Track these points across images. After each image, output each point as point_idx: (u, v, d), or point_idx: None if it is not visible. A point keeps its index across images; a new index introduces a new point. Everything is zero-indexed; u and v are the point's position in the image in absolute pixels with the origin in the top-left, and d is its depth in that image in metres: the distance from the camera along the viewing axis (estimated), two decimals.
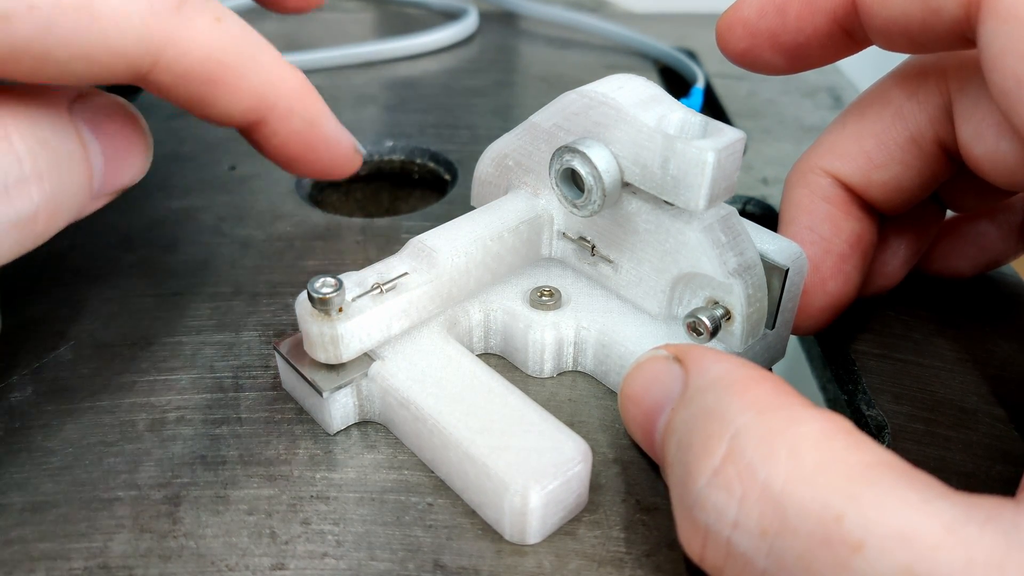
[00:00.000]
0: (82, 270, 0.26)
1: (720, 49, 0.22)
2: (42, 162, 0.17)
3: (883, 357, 0.24)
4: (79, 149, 0.18)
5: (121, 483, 0.19)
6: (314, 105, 0.23)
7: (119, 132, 0.20)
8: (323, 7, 0.52)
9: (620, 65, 0.44)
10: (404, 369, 0.20)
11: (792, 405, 0.15)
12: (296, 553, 0.18)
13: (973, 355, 0.24)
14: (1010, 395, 0.22)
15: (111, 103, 0.20)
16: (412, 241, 0.22)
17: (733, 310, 0.20)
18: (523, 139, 0.23)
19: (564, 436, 0.18)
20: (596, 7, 0.54)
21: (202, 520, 0.18)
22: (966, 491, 0.14)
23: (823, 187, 0.22)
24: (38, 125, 0.17)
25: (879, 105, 0.22)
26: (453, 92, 0.40)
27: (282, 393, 0.22)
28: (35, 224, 0.17)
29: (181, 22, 0.19)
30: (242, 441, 0.20)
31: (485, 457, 0.18)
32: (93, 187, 0.19)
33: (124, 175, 0.20)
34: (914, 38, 0.18)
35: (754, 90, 0.41)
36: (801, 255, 0.21)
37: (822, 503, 0.13)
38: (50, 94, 0.18)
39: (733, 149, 0.18)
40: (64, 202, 0.18)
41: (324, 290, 0.19)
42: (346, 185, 0.35)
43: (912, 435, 0.21)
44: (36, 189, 0.17)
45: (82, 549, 0.18)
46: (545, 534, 0.18)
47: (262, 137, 0.22)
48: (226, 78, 0.20)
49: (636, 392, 0.18)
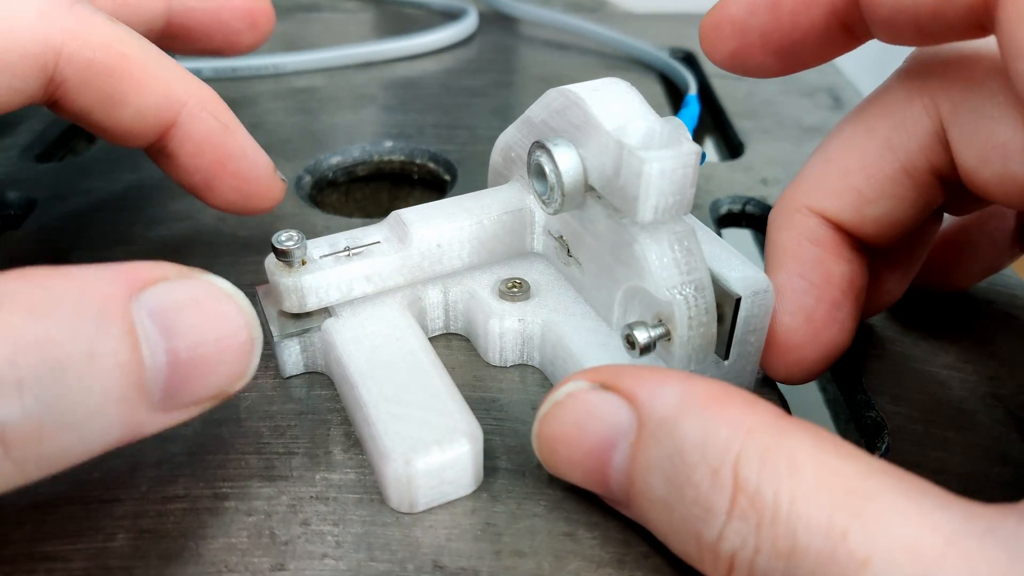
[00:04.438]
0: None
1: (705, 52, 0.21)
2: (28, 368, 0.13)
3: (883, 357, 0.24)
4: (121, 351, 0.14)
5: (121, 483, 0.19)
6: (225, 111, 0.23)
7: (201, 328, 0.16)
8: (323, 7, 0.52)
9: (620, 67, 0.44)
10: (351, 330, 0.21)
11: (773, 418, 0.15)
12: (296, 554, 0.18)
13: (973, 356, 0.24)
14: (1010, 396, 0.22)
15: (199, 291, 0.16)
16: (393, 213, 0.23)
17: (673, 331, 0.19)
18: (521, 132, 0.23)
19: (461, 416, 0.19)
20: (596, 7, 0.54)
21: (202, 520, 0.18)
22: (966, 494, 0.14)
23: (811, 229, 0.21)
24: (47, 318, 0.14)
25: (864, 136, 0.20)
26: (452, 92, 0.40)
27: (282, 393, 0.22)
28: (7, 448, 0.13)
29: (76, 17, 0.20)
30: (243, 441, 0.20)
31: (380, 422, 0.18)
32: (150, 397, 0.15)
33: (206, 383, 0.16)
34: (923, 28, 0.17)
35: (753, 90, 0.41)
36: (767, 288, 0.20)
37: (827, 519, 0.13)
38: (97, 279, 0.15)
39: (681, 162, 0.18)
40: (66, 419, 0.14)
41: (287, 242, 0.20)
42: (346, 185, 0.35)
43: (911, 436, 0.21)
44: (7, 404, 0.13)
45: (82, 549, 0.18)
46: (428, 505, 0.18)
47: (174, 147, 0.22)
48: (132, 70, 0.21)
49: (564, 432, 0.17)
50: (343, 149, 0.34)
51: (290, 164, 0.33)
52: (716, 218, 0.31)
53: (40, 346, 0.13)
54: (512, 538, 0.18)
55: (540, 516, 0.19)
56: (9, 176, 0.32)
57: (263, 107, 0.38)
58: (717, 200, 0.32)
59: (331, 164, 0.34)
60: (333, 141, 0.35)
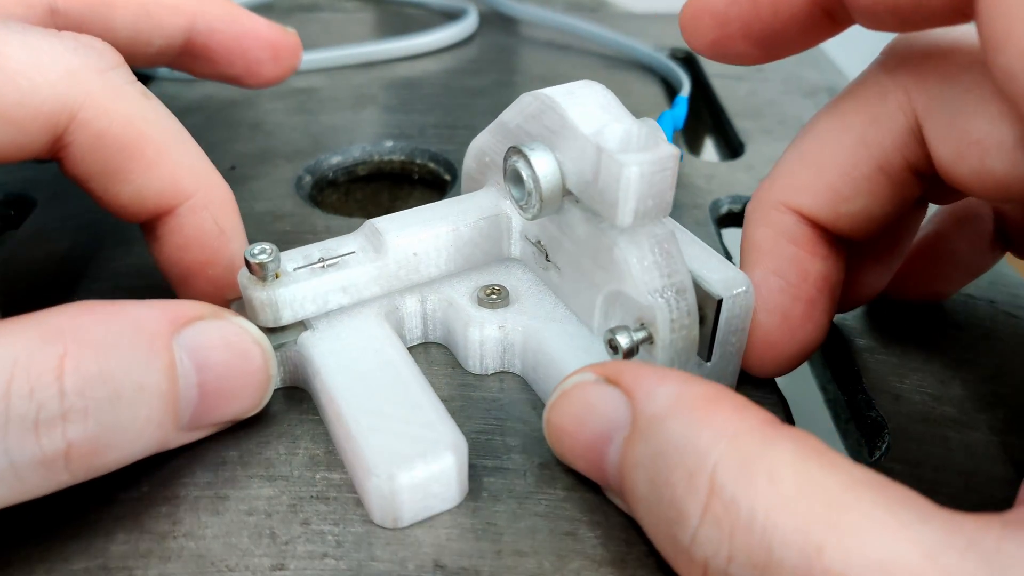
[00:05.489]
0: (82, 270, 0.26)
1: (686, 41, 0.20)
2: (92, 399, 0.16)
3: (883, 357, 0.24)
4: (163, 383, 0.17)
5: (121, 483, 0.19)
6: (233, 215, 0.22)
7: (230, 365, 0.18)
8: (323, 7, 0.52)
9: (620, 67, 0.44)
10: (329, 343, 0.21)
11: (760, 424, 0.15)
12: (296, 553, 0.18)
13: (973, 355, 0.24)
14: (1010, 395, 0.22)
15: (229, 332, 0.19)
16: (367, 223, 0.22)
17: (655, 334, 0.19)
18: (496, 136, 0.23)
19: (444, 428, 0.18)
20: (596, 7, 0.54)
21: (202, 520, 0.18)
22: (966, 493, 0.14)
23: (787, 226, 0.20)
24: (112, 353, 0.16)
25: (838, 132, 0.20)
26: (453, 92, 0.40)
27: (282, 393, 0.22)
28: (68, 462, 0.16)
29: (104, 84, 0.20)
30: (242, 441, 0.20)
31: (361, 436, 0.18)
32: (179, 420, 0.18)
33: (225, 411, 0.19)
34: (903, 14, 0.17)
35: (754, 90, 0.41)
36: (747, 288, 0.20)
37: (803, 534, 0.13)
38: (146, 317, 0.17)
39: (660, 165, 0.18)
40: (115, 440, 0.16)
41: (260, 256, 0.20)
42: (346, 185, 0.35)
43: (912, 435, 0.21)
44: (75, 427, 0.15)
45: (82, 549, 0.18)
46: (413, 520, 0.18)
47: (163, 232, 0.21)
48: (145, 151, 0.20)
49: (569, 423, 0.18)
50: (343, 149, 0.34)
51: (290, 164, 0.33)
52: (716, 218, 0.31)
53: (104, 380, 0.16)
54: (513, 537, 0.18)
55: (541, 515, 0.18)
56: (9, 176, 0.32)
57: (263, 107, 0.38)
58: (717, 200, 0.32)
59: (331, 164, 0.34)
60: (333, 141, 0.35)
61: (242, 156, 0.33)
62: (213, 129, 0.35)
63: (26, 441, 0.15)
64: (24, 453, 0.15)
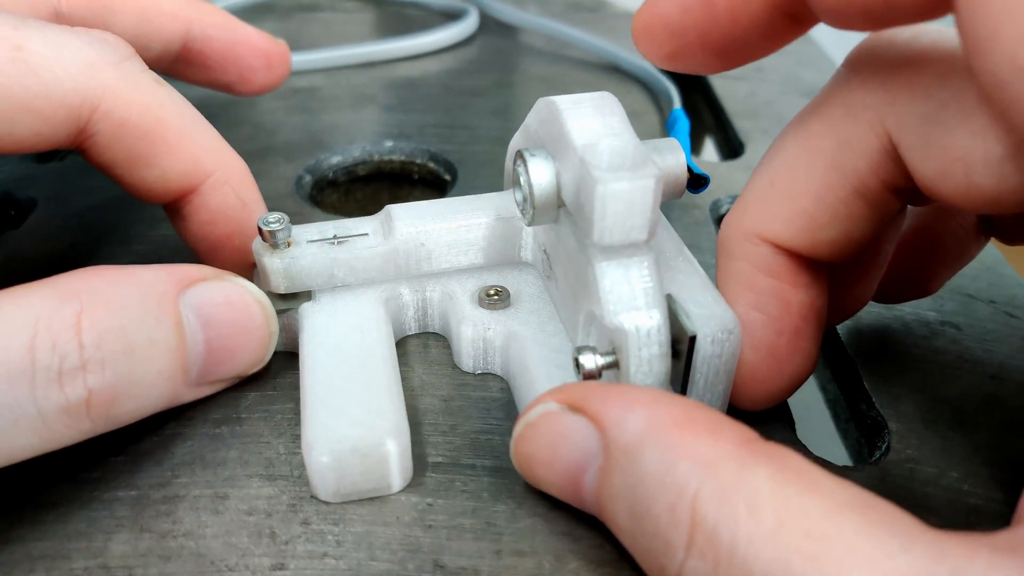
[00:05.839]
0: None
1: (641, 53, 0.19)
2: (109, 351, 0.17)
3: (883, 357, 0.24)
4: (171, 338, 0.18)
5: (121, 483, 0.19)
6: (252, 188, 0.23)
7: (233, 322, 0.20)
8: (323, 7, 0.52)
9: (619, 70, 0.44)
10: (324, 317, 0.22)
11: (735, 447, 0.15)
12: (296, 553, 0.18)
13: (973, 355, 0.24)
14: (1010, 395, 0.22)
15: (231, 292, 0.20)
16: (386, 208, 0.23)
17: (621, 360, 0.18)
18: (522, 137, 0.23)
19: (393, 415, 0.19)
20: (596, 7, 0.54)
21: (202, 520, 0.18)
22: (967, 492, 0.14)
23: (763, 258, 0.19)
24: (123, 311, 0.17)
25: (808, 157, 0.19)
26: (453, 92, 0.40)
27: (282, 393, 0.22)
28: (89, 409, 0.17)
29: (121, 75, 0.20)
30: (242, 441, 0.20)
31: (311, 408, 0.19)
32: (188, 375, 0.19)
33: (230, 367, 0.20)
34: (875, 15, 0.16)
35: (754, 90, 0.41)
36: (734, 329, 0.19)
37: (784, 566, 0.13)
38: (154, 279, 0.18)
39: (639, 186, 0.17)
40: (131, 391, 0.18)
41: (273, 224, 0.21)
42: (346, 185, 0.35)
43: (912, 435, 0.21)
44: (94, 377, 0.17)
45: (82, 549, 0.18)
46: (347, 499, 0.19)
47: (190, 211, 0.22)
48: (166, 135, 0.21)
49: (539, 453, 0.18)
50: (343, 149, 0.34)
51: (290, 164, 0.33)
52: (716, 218, 0.31)
53: (117, 334, 0.17)
54: (512, 537, 0.18)
55: (540, 515, 0.19)
56: (10, 176, 0.32)
57: (263, 107, 0.38)
58: (717, 200, 0.32)
59: (331, 164, 0.34)
60: (333, 141, 0.35)
61: (242, 155, 0.33)
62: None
63: (51, 391, 0.16)
64: (50, 402, 0.16)
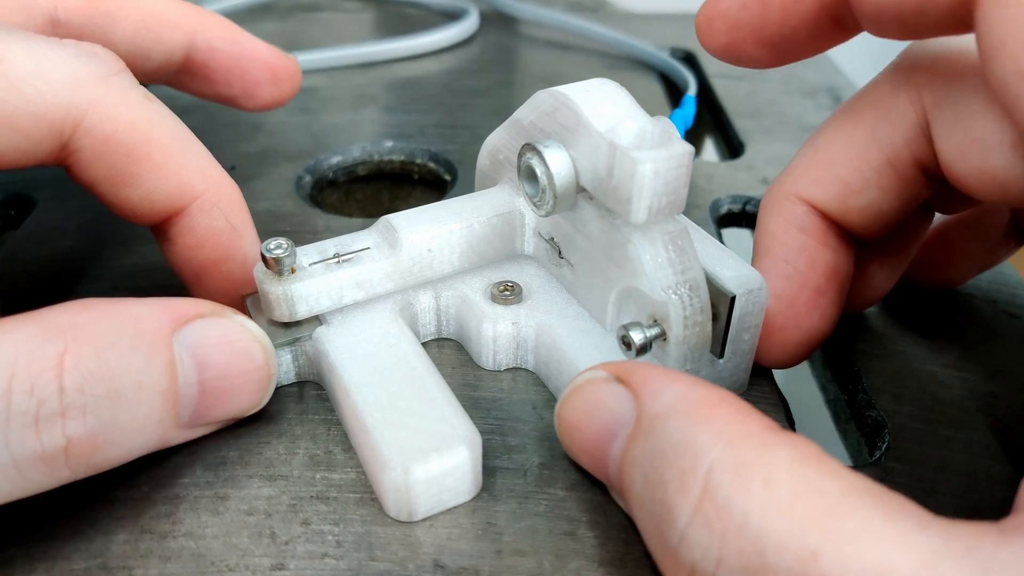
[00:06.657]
0: (82, 270, 0.26)
1: (701, 44, 0.21)
2: (91, 396, 0.16)
3: (883, 357, 0.24)
4: (162, 381, 0.17)
5: (121, 483, 0.19)
6: (243, 212, 0.22)
7: (230, 364, 0.18)
8: (323, 7, 0.52)
9: (621, 67, 0.44)
10: (343, 338, 0.21)
11: (760, 429, 0.15)
12: (296, 553, 0.18)
13: (973, 355, 0.24)
14: (1010, 395, 0.22)
15: (229, 330, 0.19)
16: (381, 219, 0.23)
17: (668, 331, 0.19)
18: (509, 134, 0.23)
19: (458, 422, 0.18)
20: (596, 7, 0.54)
21: (202, 520, 0.18)
22: (967, 492, 0.14)
23: (798, 216, 0.21)
24: (111, 350, 0.16)
25: (850, 127, 0.21)
26: (453, 92, 0.40)
27: (283, 393, 0.22)
28: (68, 458, 0.16)
29: (108, 89, 0.20)
30: (242, 441, 0.20)
31: (377, 430, 0.18)
32: (180, 418, 0.18)
33: (226, 410, 0.19)
34: (908, 24, 0.17)
35: (754, 90, 0.41)
36: (761, 286, 0.20)
37: (799, 538, 0.13)
38: (147, 315, 0.17)
39: (675, 162, 0.18)
40: (115, 438, 0.16)
41: (276, 251, 0.20)
42: (346, 185, 0.35)
43: (912, 435, 0.21)
44: (74, 424, 0.16)
45: (82, 549, 0.18)
46: (428, 513, 0.18)
47: (176, 233, 0.21)
48: (152, 154, 0.20)
49: (577, 418, 0.18)
50: (343, 149, 0.34)
51: (290, 164, 0.33)
52: (716, 218, 0.31)
53: (102, 376, 0.16)
54: (513, 537, 0.18)
55: (541, 515, 0.19)
56: (9, 176, 0.32)
57: None
58: (717, 200, 0.32)
59: (331, 164, 0.34)
60: (333, 141, 0.35)
61: (243, 156, 0.33)
62: (214, 129, 0.35)
63: (27, 437, 0.15)
64: (25, 449, 0.15)
